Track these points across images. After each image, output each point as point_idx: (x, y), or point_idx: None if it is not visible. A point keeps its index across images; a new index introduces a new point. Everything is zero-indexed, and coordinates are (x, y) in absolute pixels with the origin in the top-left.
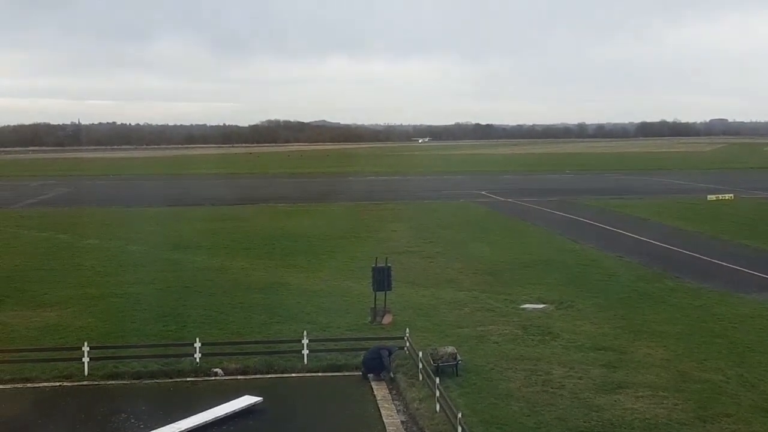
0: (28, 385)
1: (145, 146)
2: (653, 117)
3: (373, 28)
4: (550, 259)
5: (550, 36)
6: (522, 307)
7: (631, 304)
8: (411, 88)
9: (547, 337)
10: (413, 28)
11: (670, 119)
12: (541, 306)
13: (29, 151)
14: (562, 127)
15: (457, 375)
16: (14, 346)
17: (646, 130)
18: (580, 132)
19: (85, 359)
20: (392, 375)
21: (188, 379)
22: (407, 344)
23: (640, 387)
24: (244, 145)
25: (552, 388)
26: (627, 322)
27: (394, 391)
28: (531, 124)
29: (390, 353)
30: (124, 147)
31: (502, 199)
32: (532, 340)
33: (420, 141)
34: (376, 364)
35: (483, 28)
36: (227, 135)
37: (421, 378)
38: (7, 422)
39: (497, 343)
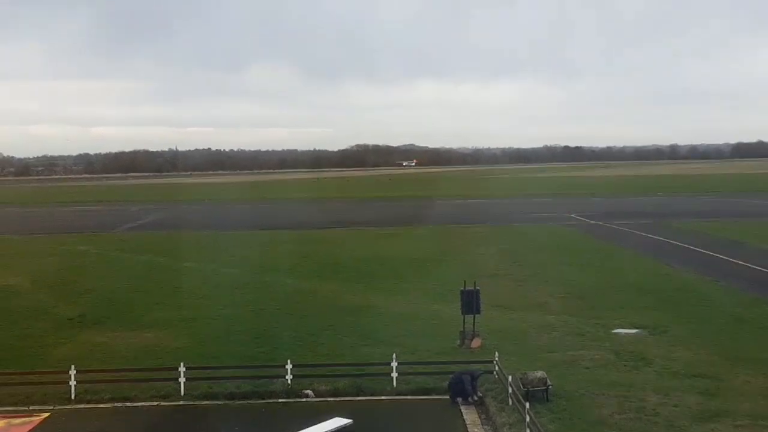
0: (128, 404)
1: (238, 171)
2: (750, 137)
3: (462, 51)
4: (643, 282)
5: (640, 56)
6: (614, 331)
7: (728, 330)
8: (499, 111)
9: (640, 363)
10: (502, 50)
11: None
12: (634, 331)
13: (129, 177)
14: (653, 149)
15: (547, 400)
16: (114, 366)
17: (742, 150)
18: (672, 153)
19: (182, 379)
20: (476, 398)
21: (280, 400)
22: (496, 368)
23: (738, 416)
24: (334, 169)
25: (646, 415)
26: (724, 348)
27: (483, 416)
28: (621, 145)
29: (474, 378)
30: (218, 172)
31: (593, 221)
32: (625, 365)
33: (404, 164)
34: (460, 389)
35: (572, 48)
36: (318, 159)
37: (510, 403)
38: None
39: (588, 368)
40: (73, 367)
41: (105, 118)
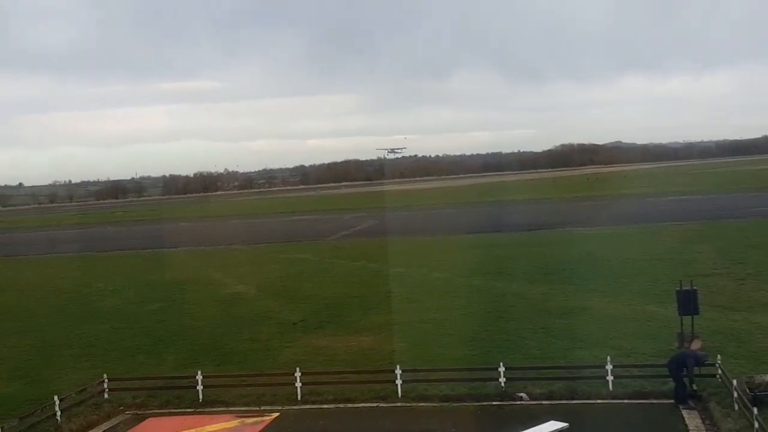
0: (349, 405)
1: (444, 176)
2: None
3: (671, 42)
4: None
5: None
6: None
7: None
8: (711, 102)
9: None
10: (715, 38)
11: None
12: None
13: (342, 186)
14: None
15: None
16: (335, 368)
17: None
18: None
19: (398, 381)
20: (694, 388)
21: (494, 402)
22: (719, 371)
23: None
24: (539, 170)
25: None
26: None
27: (707, 421)
28: None
29: (698, 362)
30: (425, 178)
31: None
32: None
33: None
34: (681, 364)
35: None
36: (522, 161)
37: (736, 408)
38: None
39: None
40: (298, 369)
41: (318, 130)
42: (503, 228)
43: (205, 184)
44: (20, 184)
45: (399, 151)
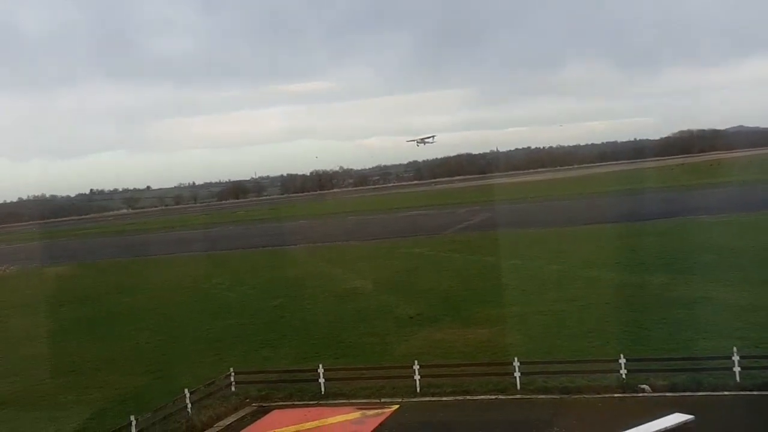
0: (468, 397)
1: (558, 167)
2: None
3: None
4: None
5: None
6: None
7: None
8: None
9: None
10: None
11: None
12: None
13: (455, 180)
14: None
15: None
16: (452, 361)
17: None
18: None
19: (517, 374)
20: None
21: (615, 395)
22: None
23: None
24: (657, 158)
25: None
26: None
27: None
28: None
29: None
30: (539, 170)
31: None
32: None
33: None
34: None
35: None
36: (639, 150)
37: None
38: (453, 430)
39: None
40: (416, 362)
41: (430, 126)
42: (621, 218)
43: (321, 182)
44: (147, 187)
45: (429, 140)
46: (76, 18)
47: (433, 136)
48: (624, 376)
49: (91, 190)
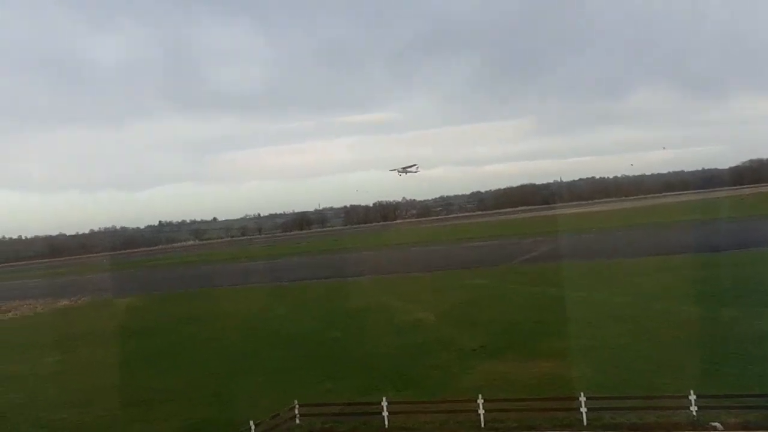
0: None
1: (623, 197)
2: None
3: None
4: None
5: None
6: None
7: None
8: None
9: None
10: None
11: None
12: None
13: (518, 210)
14: None
15: None
16: (516, 395)
17: None
18: None
19: (583, 409)
20: None
21: None
22: None
23: None
24: (726, 188)
25: None
26: None
27: None
28: None
29: None
30: (603, 200)
31: None
32: None
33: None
34: None
35: None
36: (707, 179)
37: None
38: None
39: None
40: (480, 396)
41: (493, 156)
42: (689, 249)
43: (384, 212)
44: (214, 218)
45: (412, 170)
46: (145, 52)
47: (415, 165)
48: (695, 413)
49: (160, 221)
